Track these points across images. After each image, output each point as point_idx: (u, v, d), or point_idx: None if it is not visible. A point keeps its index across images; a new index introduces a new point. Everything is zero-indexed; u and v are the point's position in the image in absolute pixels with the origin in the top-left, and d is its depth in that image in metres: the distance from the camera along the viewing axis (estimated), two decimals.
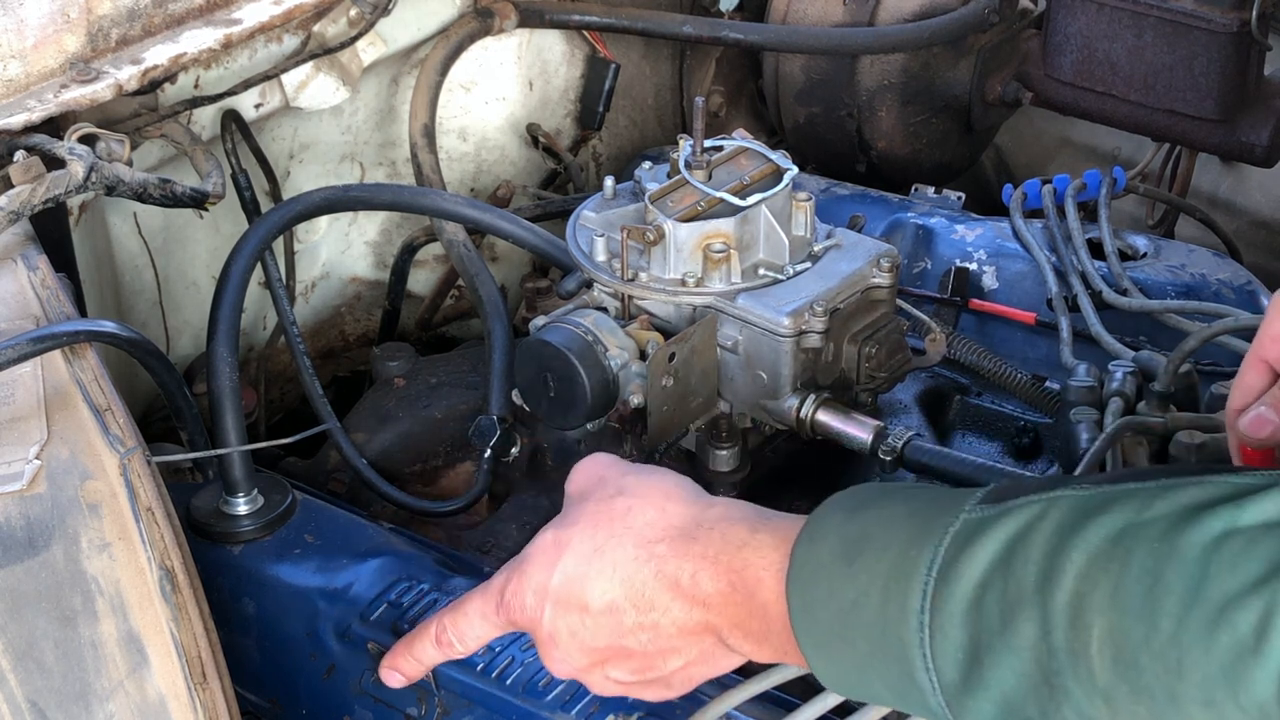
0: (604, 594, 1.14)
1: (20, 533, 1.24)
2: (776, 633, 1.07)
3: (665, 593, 1.12)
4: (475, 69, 2.27)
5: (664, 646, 1.14)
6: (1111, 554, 0.91)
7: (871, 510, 1.07)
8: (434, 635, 1.28)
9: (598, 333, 1.58)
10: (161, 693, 1.20)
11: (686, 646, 1.14)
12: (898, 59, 2.37)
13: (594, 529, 1.17)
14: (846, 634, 1.02)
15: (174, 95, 1.85)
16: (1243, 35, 2.18)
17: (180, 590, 1.24)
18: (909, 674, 0.98)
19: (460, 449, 1.89)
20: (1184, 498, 0.91)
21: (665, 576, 1.12)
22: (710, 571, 1.10)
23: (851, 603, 1.01)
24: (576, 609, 1.16)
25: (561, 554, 1.17)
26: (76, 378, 1.37)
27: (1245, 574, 0.85)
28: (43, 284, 1.50)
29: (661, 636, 1.13)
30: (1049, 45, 2.35)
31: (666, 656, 1.15)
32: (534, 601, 1.18)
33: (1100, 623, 0.89)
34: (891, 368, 1.65)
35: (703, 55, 2.57)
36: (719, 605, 1.10)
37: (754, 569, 1.08)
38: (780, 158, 1.67)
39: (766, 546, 1.09)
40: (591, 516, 1.18)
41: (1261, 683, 0.84)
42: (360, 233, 2.28)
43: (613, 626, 1.14)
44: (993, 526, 0.97)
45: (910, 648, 0.97)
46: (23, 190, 1.52)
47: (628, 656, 1.15)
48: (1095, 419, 1.50)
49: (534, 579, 1.18)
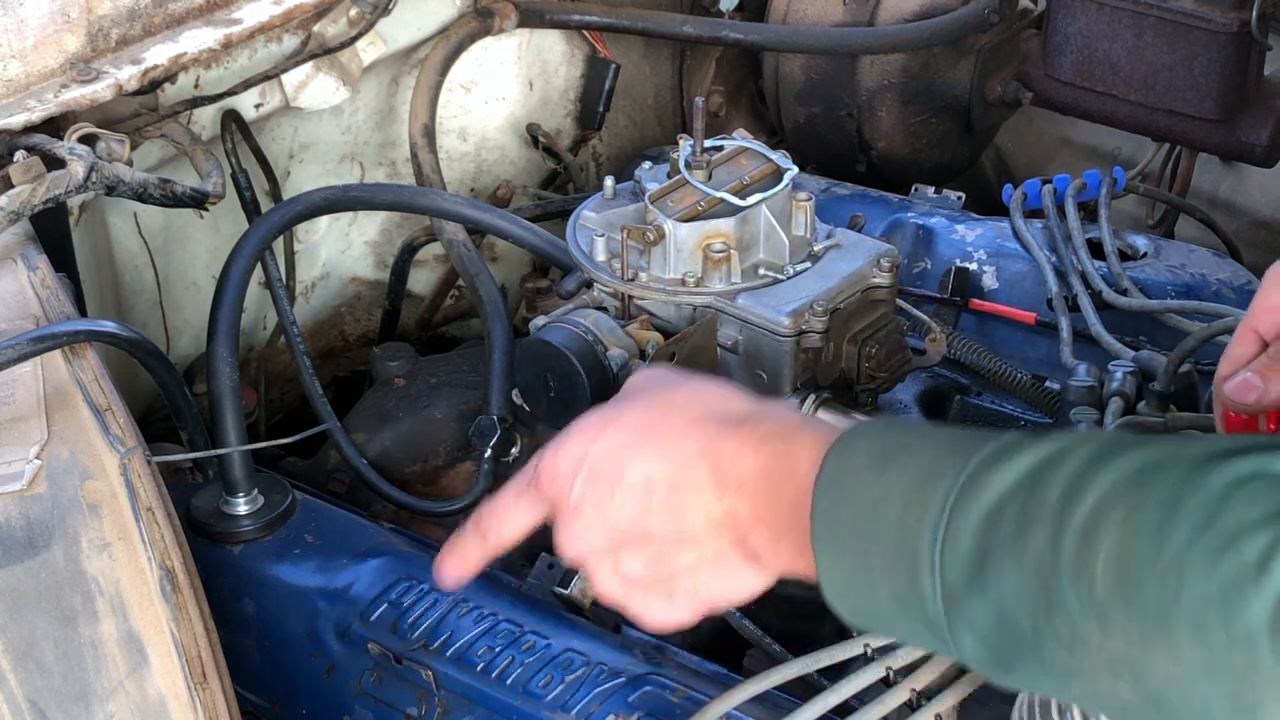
0: (642, 468, 1.12)
1: (20, 533, 1.24)
2: (796, 531, 1.05)
3: (703, 472, 1.10)
4: (475, 69, 2.27)
5: (684, 534, 1.11)
6: (1137, 481, 0.91)
7: (916, 430, 1.08)
8: (475, 525, 1.26)
9: (598, 332, 1.58)
10: (161, 693, 1.20)
11: (705, 541, 1.11)
12: (898, 59, 2.37)
13: (647, 410, 1.15)
14: (862, 536, 1.01)
15: (174, 95, 1.85)
16: (1243, 35, 2.18)
17: (180, 590, 1.24)
18: (914, 579, 0.98)
19: (460, 449, 1.89)
20: (1220, 443, 0.92)
21: (708, 455, 1.10)
22: (753, 454, 1.09)
23: (874, 504, 1.01)
24: (610, 481, 1.13)
25: (606, 429, 1.15)
26: (77, 378, 1.37)
27: (1263, 507, 0.86)
28: (43, 284, 1.50)
29: (685, 521, 1.11)
30: (1049, 45, 2.35)
31: (683, 547, 1.12)
32: (567, 469, 1.15)
33: (1110, 540, 0.90)
34: (891, 368, 1.65)
35: (703, 55, 2.57)
36: (752, 490, 1.09)
37: (794, 459, 1.07)
38: (780, 158, 1.67)
39: (810, 441, 1.07)
40: (646, 401, 1.17)
41: (1256, 611, 0.84)
42: (360, 233, 2.28)
43: (640, 504, 1.12)
44: (1026, 448, 0.97)
45: (921, 553, 0.97)
46: (23, 190, 1.52)
47: (645, 542, 1.13)
48: (1095, 419, 1.50)
49: (572, 451, 1.16)
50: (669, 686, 1.41)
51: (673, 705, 1.39)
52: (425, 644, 1.49)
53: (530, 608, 1.52)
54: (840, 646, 1.34)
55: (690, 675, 1.44)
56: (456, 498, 1.79)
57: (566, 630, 1.49)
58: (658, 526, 1.12)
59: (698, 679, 1.43)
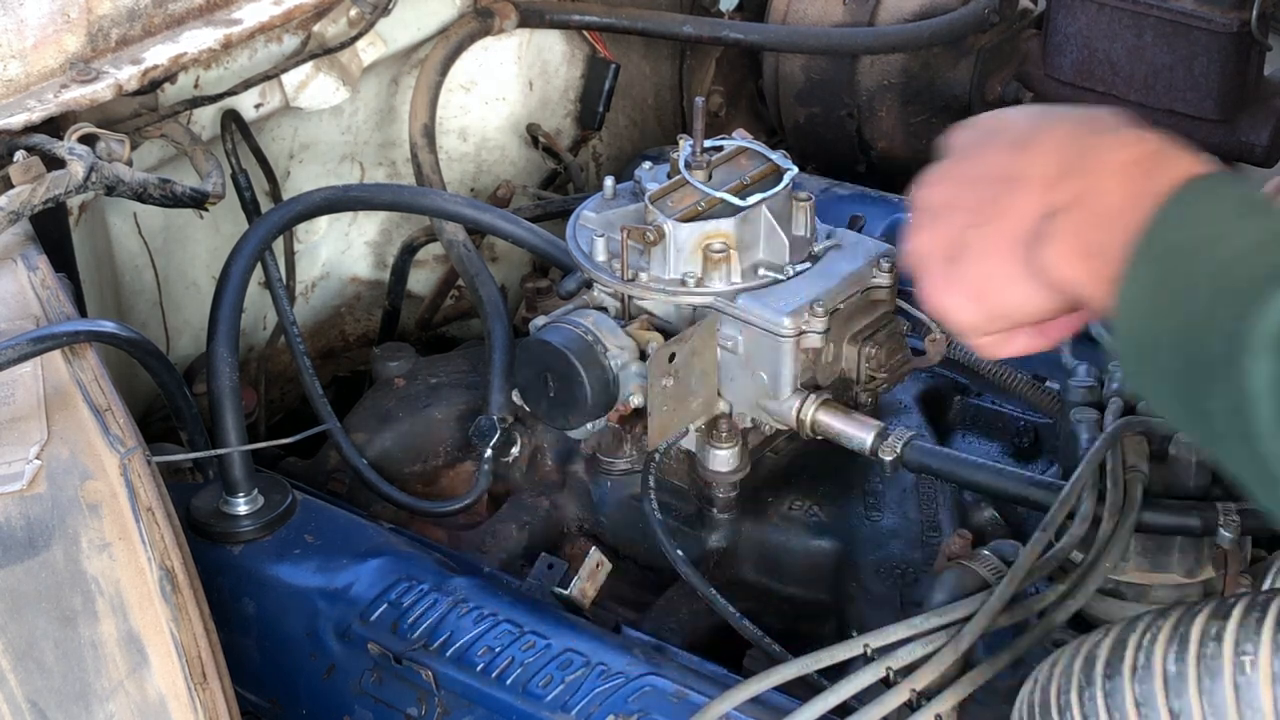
0: (1028, 131, 1.11)
1: (20, 533, 1.24)
2: (1116, 239, 1.01)
3: (1074, 145, 1.08)
4: (475, 69, 2.27)
5: (1012, 178, 1.09)
6: None
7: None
8: None
9: (598, 333, 1.58)
10: (161, 693, 1.20)
11: (1022, 200, 1.08)
12: (898, 59, 2.37)
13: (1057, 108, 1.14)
14: (1191, 258, 0.98)
15: (174, 95, 1.85)
16: (1243, 35, 2.18)
17: (180, 590, 1.24)
18: (1234, 318, 0.92)
19: (460, 449, 1.89)
20: None
21: (1082, 130, 1.08)
22: (1119, 147, 1.05)
23: (1217, 239, 0.97)
24: (991, 133, 1.13)
25: (1011, 111, 1.16)
26: (76, 378, 1.37)
27: None
28: (43, 284, 1.50)
29: (1018, 170, 1.09)
30: (1049, 45, 2.35)
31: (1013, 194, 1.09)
32: (965, 133, 1.16)
33: None
34: (891, 368, 1.65)
35: (703, 55, 2.57)
36: (1096, 171, 1.05)
37: (1167, 168, 1.02)
38: (780, 158, 1.67)
39: (1188, 161, 1.03)
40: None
41: None
42: (360, 233, 2.28)
43: (1004, 148, 1.11)
44: None
45: (1246, 295, 0.92)
46: (23, 190, 1.52)
47: (974, 183, 1.11)
48: (1095, 419, 1.50)
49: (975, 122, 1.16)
50: (669, 687, 1.41)
51: (673, 705, 1.39)
52: (425, 644, 1.49)
53: (530, 608, 1.52)
54: (840, 646, 1.34)
55: (690, 675, 1.44)
56: (456, 498, 1.79)
57: (566, 630, 1.49)
58: (980, 197, 1.10)
59: (698, 679, 1.43)
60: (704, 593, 1.57)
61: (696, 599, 1.61)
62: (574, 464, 1.81)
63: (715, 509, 1.69)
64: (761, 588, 1.70)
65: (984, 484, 1.55)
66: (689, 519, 1.72)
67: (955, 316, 1.13)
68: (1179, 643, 1.09)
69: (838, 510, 1.70)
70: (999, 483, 1.53)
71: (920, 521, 1.69)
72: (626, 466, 1.76)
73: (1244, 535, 1.40)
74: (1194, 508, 1.40)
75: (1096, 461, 1.41)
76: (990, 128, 1.15)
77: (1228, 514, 1.39)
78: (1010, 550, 1.44)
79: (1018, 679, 1.27)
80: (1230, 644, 1.07)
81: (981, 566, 1.41)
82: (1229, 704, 1.06)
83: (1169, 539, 1.43)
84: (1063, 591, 1.36)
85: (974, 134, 1.15)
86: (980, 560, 1.42)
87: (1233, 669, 1.06)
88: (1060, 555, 1.38)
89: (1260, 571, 1.43)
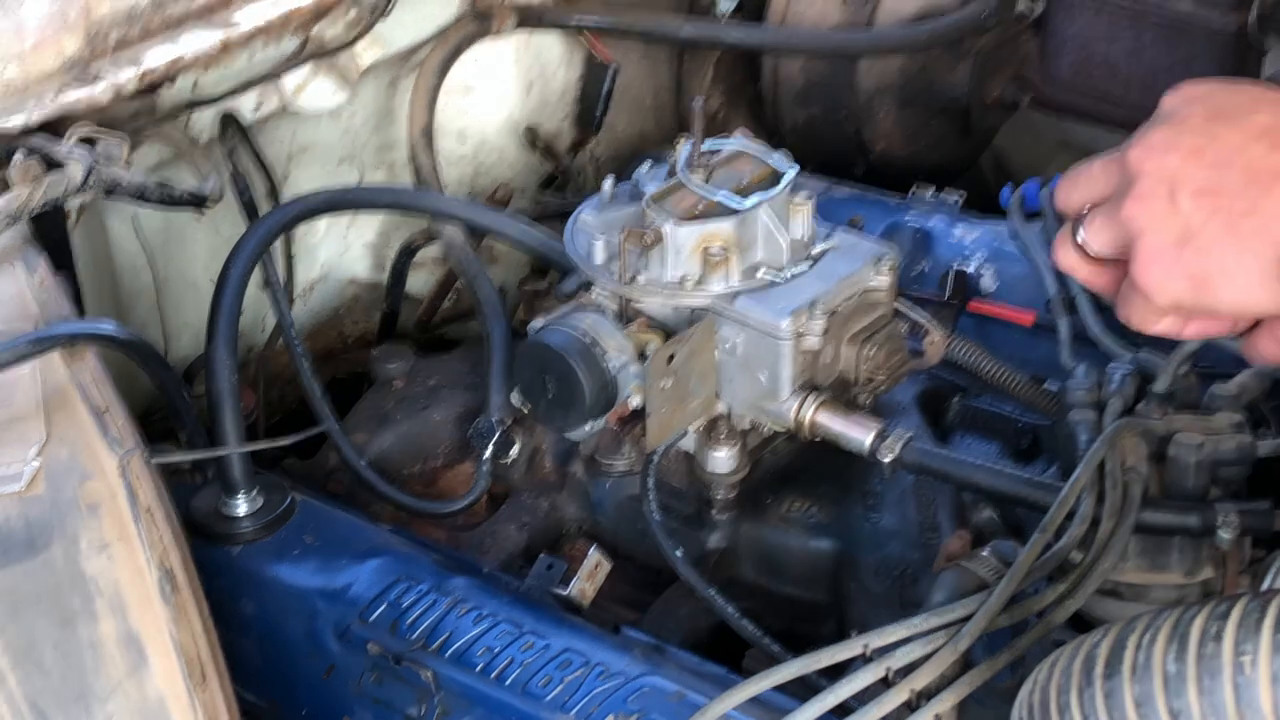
0: (1272, 118, 1.09)
1: (20, 533, 1.24)
2: None
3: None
4: (474, 71, 2.27)
5: (1259, 180, 1.08)
6: None
7: None
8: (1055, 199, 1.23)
9: (596, 334, 1.58)
10: (161, 693, 1.20)
11: (1251, 239, 1.07)
12: (896, 61, 2.37)
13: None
14: None
15: (172, 97, 1.85)
16: (1242, 37, 2.18)
17: (180, 590, 1.24)
18: None
19: (459, 450, 1.89)
20: None
21: None
22: None
23: None
24: (1230, 115, 1.11)
25: (1244, 86, 1.13)
26: (76, 379, 1.37)
27: None
28: (41, 285, 1.50)
29: (1268, 172, 1.07)
30: (1048, 47, 2.35)
31: (1243, 193, 1.08)
32: (1186, 94, 1.13)
33: None
34: (890, 369, 1.65)
35: (701, 57, 2.57)
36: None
37: None
38: (779, 159, 1.67)
39: None
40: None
41: None
42: (359, 234, 2.28)
43: (1248, 138, 1.09)
44: None
45: None
46: (21, 192, 1.52)
47: (1219, 170, 1.09)
48: (1094, 420, 1.51)
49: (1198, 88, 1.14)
50: (668, 687, 1.41)
51: (672, 705, 1.39)
52: (425, 644, 1.49)
53: (529, 608, 1.52)
54: (840, 646, 1.34)
55: (690, 675, 1.44)
56: (456, 498, 1.79)
57: (566, 630, 1.49)
58: (1244, 162, 1.08)
59: (697, 679, 1.43)
60: (703, 593, 1.57)
61: (696, 599, 1.61)
62: (573, 465, 1.81)
63: (714, 510, 1.70)
64: (761, 588, 1.70)
65: (983, 484, 1.55)
66: (688, 519, 1.72)
67: (1161, 291, 1.13)
68: (1178, 643, 1.09)
69: (837, 511, 1.70)
70: (998, 483, 1.53)
71: (919, 522, 1.69)
72: (625, 467, 1.76)
73: (1243, 535, 1.40)
74: (1193, 508, 1.40)
75: (1095, 462, 1.41)
76: (1219, 104, 1.12)
77: (1226, 514, 1.39)
78: (1009, 550, 1.44)
79: (1017, 679, 1.27)
80: (1230, 644, 1.07)
81: (981, 567, 1.41)
82: (1228, 704, 1.06)
83: (1168, 539, 1.43)
84: (1062, 592, 1.36)
85: (1201, 108, 1.12)
86: (979, 560, 1.43)
87: (1232, 669, 1.06)
88: (1059, 556, 1.38)
89: (1260, 571, 1.43)
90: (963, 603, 1.35)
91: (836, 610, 1.67)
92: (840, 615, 1.66)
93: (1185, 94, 1.15)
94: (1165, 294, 1.13)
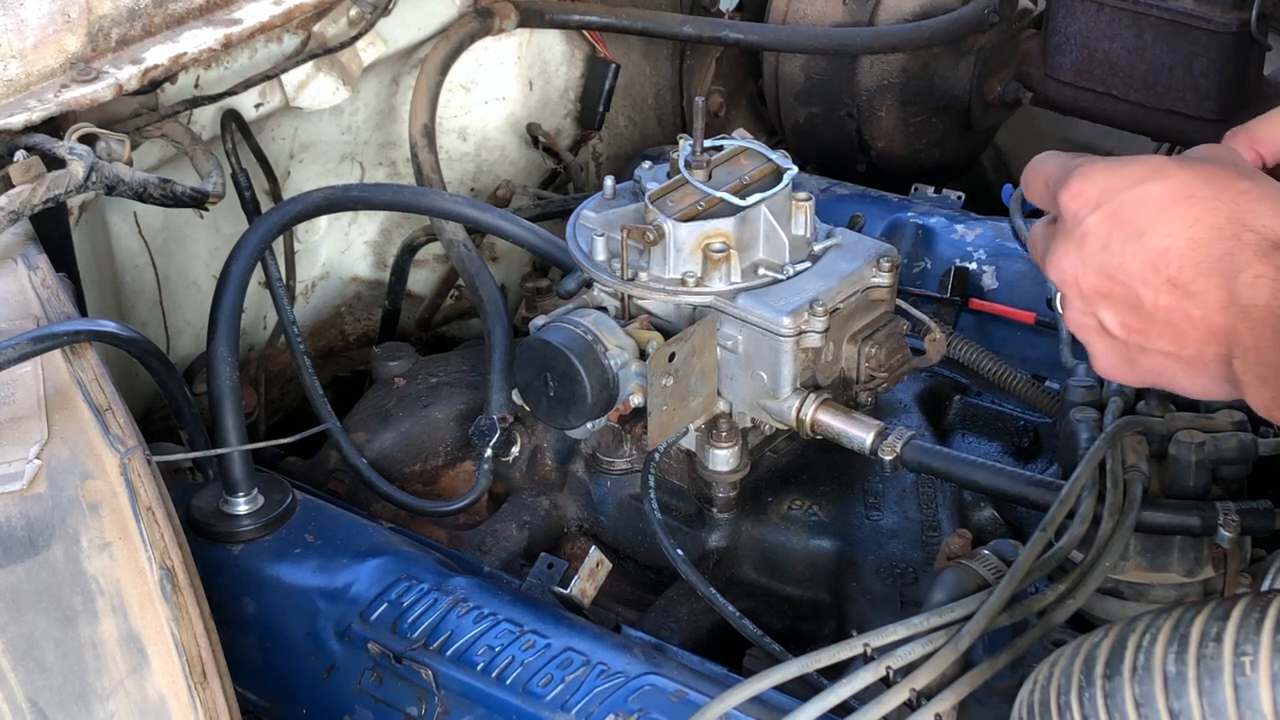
0: (1166, 236, 1.07)
1: (20, 533, 1.24)
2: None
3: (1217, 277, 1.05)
4: (475, 69, 2.27)
5: (1173, 324, 1.08)
6: None
7: None
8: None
9: (598, 332, 1.58)
10: (161, 692, 1.20)
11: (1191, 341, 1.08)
12: (897, 59, 2.37)
13: (1205, 180, 1.08)
14: None
15: (174, 95, 1.85)
16: (1242, 35, 2.18)
17: (180, 590, 1.24)
18: None
19: (460, 449, 1.89)
20: None
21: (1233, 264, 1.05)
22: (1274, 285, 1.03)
23: None
24: (1128, 231, 1.09)
25: (1154, 179, 1.09)
26: (77, 377, 1.37)
27: None
28: (43, 284, 1.50)
29: (1179, 314, 1.07)
30: (1049, 45, 2.35)
31: (1166, 335, 1.09)
32: (1094, 196, 1.11)
33: None
34: (891, 367, 1.65)
35: (703, 55, 2.57)
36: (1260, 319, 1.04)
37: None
38: (780, 157, 1.67)
39: None
40: (1208, 172, 1.10)
41: None
42: (360, 233, 2.28)
43: (1146, 270, 1.08)
44: None
45: None
46: (23, 190, 1.52)
47: (1133, 309, 1.09)
48: (1095, 419, 1.50)
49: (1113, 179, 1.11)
50: (669, 686, 1.41)
51: (673, 705, 1.39)
52: (425, 643, 1.49)
53: (530, 607, 1.52)
54: (840, 646, 1.34)
55: (690, 675, 1.44)
56: (456, 498, 1.79)
57: (566, 630, 1.49)
58: (1151, 302, 1.08)
59: (698, 679, 1.43)
60: (704, 592, 1.57)
61: (696, 598, 1.61)
62: (574, 463, 1.81)
63: (715, 508, 1.70)
64: (761, 587, 1.70)
65: (983, 483, 1.55)
66: (689, 519, 1.72)
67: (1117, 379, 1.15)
68: (1179, 643, 1.09)
69: (837, 510, 1.70)
70: (998, 482, 1.53)
71: (920, 521, 1.69)
72: (626, 466, 1.76)
73: (1244, 535, 1.40)
74: (1194, 507, 1.40)
75: (1096, 461, 1.41)
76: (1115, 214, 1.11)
77: (1227, 514, 1.39)
78: (1010, 550, 1.44)
79: (1017, 679, 1.27)
80: (1230, 644, 1.07)
81: (981, 566, 1.41)
82: (1228, 704, 1.06)
83: (1169, 539, 1.43)
84: (1062, 591, 1.36)
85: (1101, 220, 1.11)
86: (980, 560, 1.43)
87: (1232, 669, 1.06)
88: (1060, 555, 1.37)
89: (1260, 571, 1.43)
90: (963, 602, 1.35)
91: (837, 610, 1.66)
92: (841, 615, 1.66)
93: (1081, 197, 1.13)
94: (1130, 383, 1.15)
